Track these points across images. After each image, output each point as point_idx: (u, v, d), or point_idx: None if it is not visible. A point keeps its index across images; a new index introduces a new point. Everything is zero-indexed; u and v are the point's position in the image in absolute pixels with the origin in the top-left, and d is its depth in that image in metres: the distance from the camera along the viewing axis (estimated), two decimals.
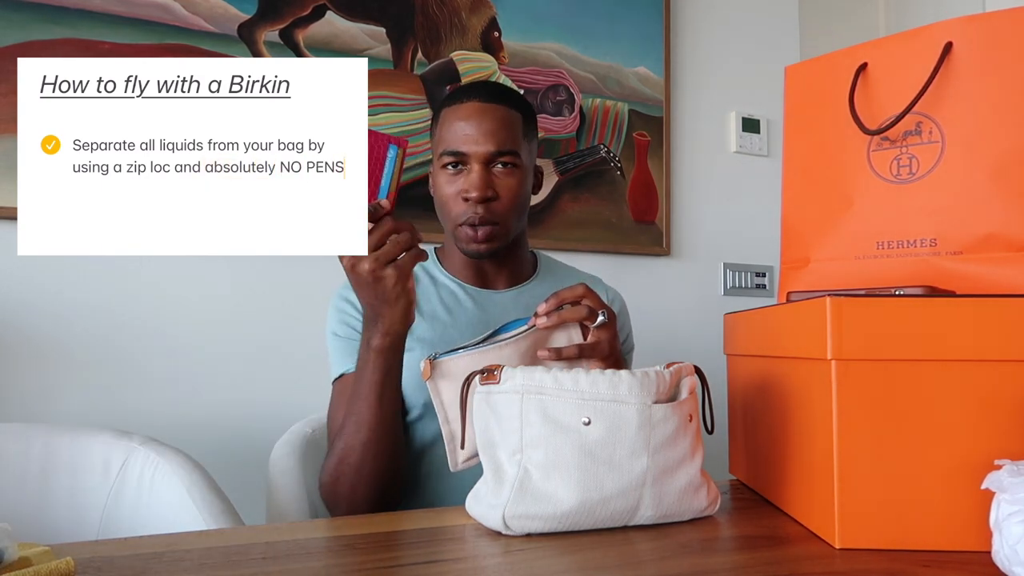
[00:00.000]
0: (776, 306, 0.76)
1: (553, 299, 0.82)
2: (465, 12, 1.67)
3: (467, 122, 0.97)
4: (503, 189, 0.97)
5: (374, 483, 0.85)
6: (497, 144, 0.96)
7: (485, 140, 0.96)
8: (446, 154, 0.98)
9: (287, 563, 0.57)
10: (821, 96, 0.84)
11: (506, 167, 0.97)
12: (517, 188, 0.98)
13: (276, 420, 1.28)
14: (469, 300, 1.04)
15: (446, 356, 0.79)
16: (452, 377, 0.78)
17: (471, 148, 0.96)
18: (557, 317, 0.81)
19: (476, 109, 0.97)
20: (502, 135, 0.97)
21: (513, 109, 1.00)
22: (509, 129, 0.98)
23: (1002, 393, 0.60)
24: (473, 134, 0.96)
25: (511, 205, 0.98)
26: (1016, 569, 0.50)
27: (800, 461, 0.69)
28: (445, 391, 0.79)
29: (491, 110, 0.97)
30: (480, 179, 0.96)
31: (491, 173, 0.97)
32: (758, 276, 2.00)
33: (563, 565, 0.57)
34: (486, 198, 0.96)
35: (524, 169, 1.00)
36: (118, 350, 1.36)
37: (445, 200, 1.00)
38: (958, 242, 0.73)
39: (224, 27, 1.45)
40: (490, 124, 0.96)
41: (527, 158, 1.01)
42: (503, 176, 0.97)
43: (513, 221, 1.00)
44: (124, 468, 0.96)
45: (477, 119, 0.97)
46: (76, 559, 0.53)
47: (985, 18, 0.74)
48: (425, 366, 0.78)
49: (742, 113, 1.99)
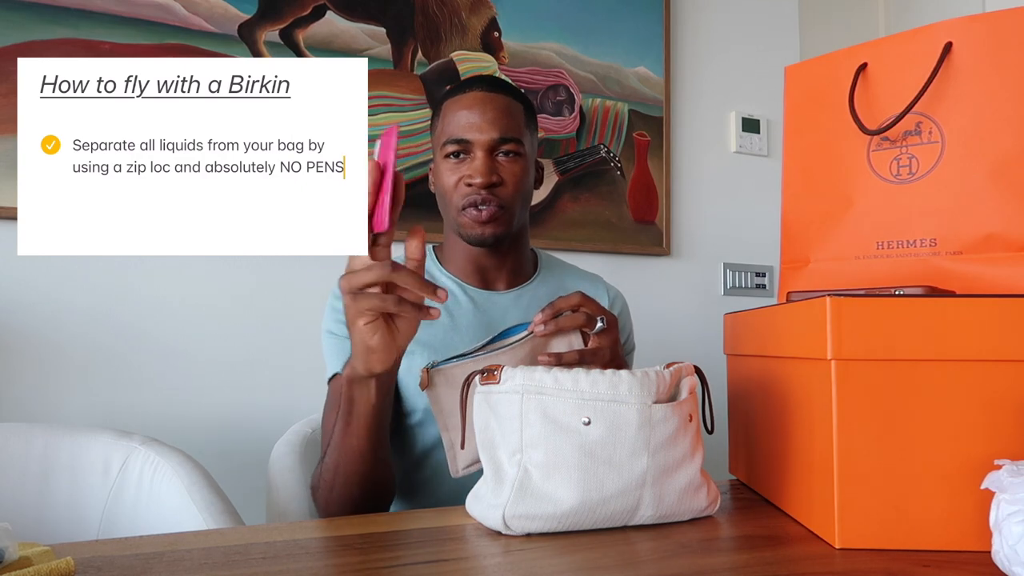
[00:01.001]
0: (776, 306, 0.76)
1: (549, 308, 0.82)
2: (465, 12, 1.67)
3: (470, 111, 0.96)
4: (507, 175, 0.97)
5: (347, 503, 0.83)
6: (501, 131, 0.96)
7: (489, 127, 0.95)
8: (449, 142, 0.97)
9: (287, 563, 0.57)
10: (821, 96, 0.84)
11: (509, 155, 0.97)
12: (521, 175, 0.98)
13: (276, 420, 1.28)
14: (469, 302, 1.03)
15: (444, 364, 0.79)
16: (450, 385, 0.78)
17: (474, 135, 0.95)
18: (554, 325, 0.81)
19: (479, 98, 0.97)
20: (505, 122, 0.96)
21: (515, 100, 1.00)
22: (512, 117, 0.98)
23: (1002, 393, 0.60)
24: (477, 122, 0.96)
25: (515, 191, 0.97)
26: (1016, 569, 0.50)
27: (800, 461, 0.69)
28: (444, 399, 0.79)
29: (494, 99, 0.97)
30: (484, 164, 0.95)
31: (495, 160, 0.97)
32: (758, 276, 2.00)
33: (563, 565, 0.57)
34: (491, 183, 0.95)
35: (527, 158, 0.99)
36: (118, 350, 1.36)
37: (447, 190, 0.98)
38: (958, 242, 0.73)
39: (224, 27, 1.45)
40: (493, 112, 0.96)
41: (530, 149, 1.01)
42: (507, 163, 0.97)
43: (517, 208, 0.99)
44: (124, 468, 0.96)
45: (480, 107, 0.96)
46: (76, 559, 0.53)
47: (985, 18, 0.74)
48: (423, 376, 0.78)
49: (742, 113, 1.99)
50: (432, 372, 0.78)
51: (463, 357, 0.80)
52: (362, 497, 0.83)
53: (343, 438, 0.79)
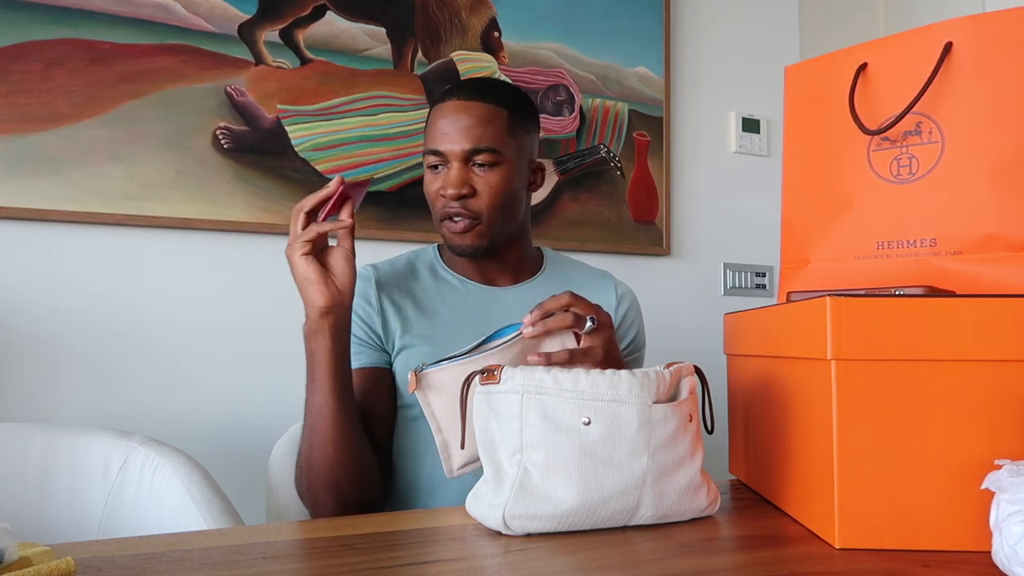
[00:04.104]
0: (776, 306, 0.76)
1: (538, 309, 0.81)
2: (465, 12, 1.67)
3: (445, 119, 0.97)
4: (482, 186, 0.97)
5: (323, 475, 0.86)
6: (473, 141, 0.96)
7: (460, 138, 0.96)
8: (427, 153, 0.99)
9: (287, 563, 0.57)
10: (821, 96, 0.84)
11: (484, 166, 0.97)
12: (498, 185, 0.97)
13: (276, 420, 1.28)
14: (472, 297, 1.03)
15: (432, 367, 0.78)
16: (440, 388, 0.78)
17: (447, 146, 0.96)
18: (543, 327, 0.80)
19: (454, 107, 0.98)
20: (478, 132, 0.96)
21: (497, 105, 0.98)
22: (488, 125, 0.97)
23: (1002, 393, 0.60)
24: (449, 132, 0.96)
25: (491, 202, 0.97)
26: (1016, 569, 0.50)
27: (800, 461, 0.69)
28: (435, 402, 0.78)
29: (469, 107, 0.97)
30: (456, 176, 0.96)
31: (469, 171, 0.97)
32: (758, 276, 2.00)
33: (563, 565, 0.57)
34: (461, 195, 0.96)
35: (509, 165, 0.98)
36: (118, 350, 1.36)
37: (429, 199, 1.00)
38: (958, 242, 0.73)
39: (224, 27, 1.45)
40: (466, 121, 0.96)
41: (514, 153, 0.99)
42: (482, 174, 0.97)
43: (496, 218, 0.98)
44: (124, 468, 0.96)
45: (454, 117, 0.97)
46: (76, 559, 0.53)
47: (985, 18, 0.74)
48: (411, 379, 0.77)
49: (742, 113, 1.99)
50: (420, 375, 0.78)
51: (453, 359, 0.79)
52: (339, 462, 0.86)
53: (310, 396, 0.86)
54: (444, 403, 0.78)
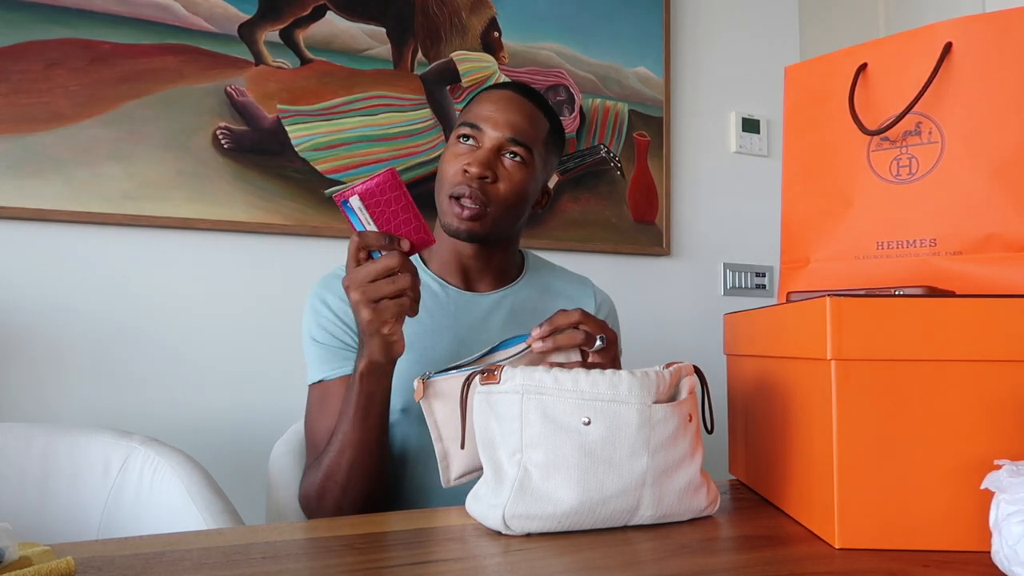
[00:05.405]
0: (776, 306, 0.76)
1: (548, 324, 0.80)
2: (465, 12, 1.67)
3: (495, 104, 0.98)
4: (504, 176, 0.96)
5: (360, 501, 0.85)
6: (514, 131, 0.96)
7: (504, 125, 0.96)
8: (463, 124, 0.98)
9: (287, 563, 0.57)
10: (821, 96, 0.84)
11: (515, 158, 0.97)
12: (519, 181, 0.97)
13: (276, 420, 1.28)
14: (451, 303, 1.02)
15: (439, 376, 0.78)
16: (445, 396, 0.77)
17: (487, 127, 0.96)
18: (552, 343, 0.80)
19: (507, 96, 0.99)
20: (522, 126, 0.97)
21: (544, 114, 1.01)
22: (532, 126, 0.98)
23: (1002, 393, 0.60)
24: (494, 116, 0.97)
25: (507, 195, 0.96)
26: (1016, 569, 0.50)
27: (800, 461, 0.69)
28: (439, 410, 0.78)
29: (520, 102, 0.99)
30: (485, 157, 0.95)
31: (498, 159, 0.97)
32: (758, 276, 2.00)
33: (563, 565, 0.57)
34: (483, 176, 0.95)
35: (532, 169, 0.99)
36: (118, 351, 1.36)
37: (445, 172, 0.98)
38: (958, 242, 0.73)
39: (224, 27, 1.45)
40: (514, 114, 0.97)
41: (539, 163, 1.00)
42: (510, 165, 0.97)
43: (504, 213, 0.97)
44: (124, 468, 0.96)
45: (505, 104, 0.98)
46: (76, 559, 0.53)
47: (985, 18, 0.74)
48: (418, 386, 0.77)
49: (742, 113, 1.99)
50: (427, 383, 0.78)
51: (460, 369, 0.79)
52: (377, 489, 0.86)
53: (359, 435, 0.83)
54: (447, 411, 0.77)
